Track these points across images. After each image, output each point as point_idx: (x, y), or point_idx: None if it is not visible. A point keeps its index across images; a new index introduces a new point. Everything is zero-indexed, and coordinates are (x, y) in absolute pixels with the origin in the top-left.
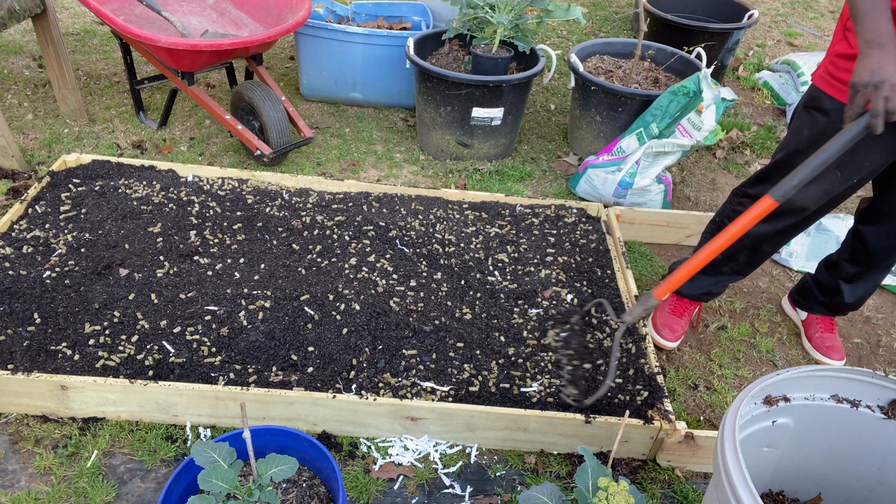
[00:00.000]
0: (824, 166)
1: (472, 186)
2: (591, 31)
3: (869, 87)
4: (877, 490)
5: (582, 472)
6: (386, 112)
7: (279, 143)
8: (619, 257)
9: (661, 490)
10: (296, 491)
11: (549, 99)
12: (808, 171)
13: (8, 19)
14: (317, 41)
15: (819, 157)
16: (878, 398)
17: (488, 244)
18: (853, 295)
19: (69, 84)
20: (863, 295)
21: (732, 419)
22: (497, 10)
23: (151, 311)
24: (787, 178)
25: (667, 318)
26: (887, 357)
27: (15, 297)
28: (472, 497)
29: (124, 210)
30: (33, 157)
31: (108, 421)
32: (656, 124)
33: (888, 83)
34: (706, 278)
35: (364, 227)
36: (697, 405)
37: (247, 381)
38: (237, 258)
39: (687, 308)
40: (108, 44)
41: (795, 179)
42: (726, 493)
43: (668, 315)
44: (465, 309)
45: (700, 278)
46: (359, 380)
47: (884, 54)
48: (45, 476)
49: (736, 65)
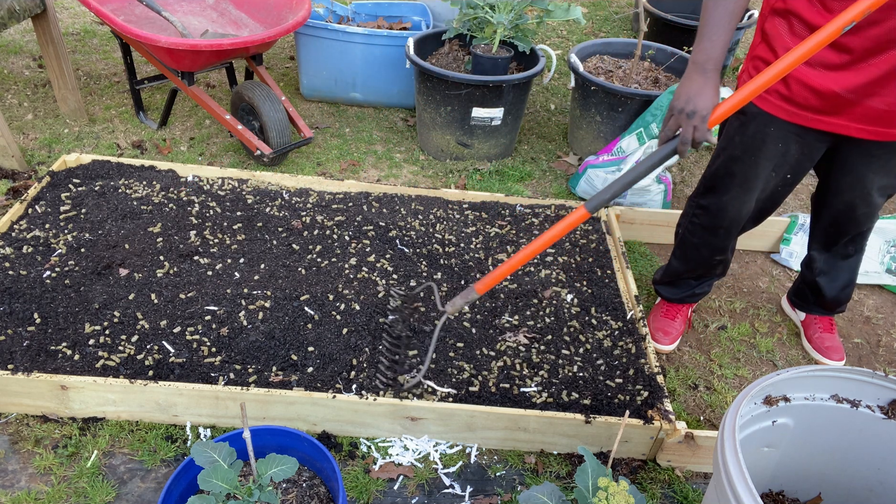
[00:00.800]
0: (635, 182)
1: (472, 186)
2: (591, 31)
3: (682, 113)
4: (877, 490)
5: (582, 472)
6: (386, 112)
7: (279, 143)
8: (619, 257)
9: (661, 490)
10: (296, 491)
11: (549, 99)
12: (619, 186)
13: (8, 19)
14: (317, 41)
15: (631, 175)
16: (878, 398)
17: (488, 244)
18: (832, 289)
19: (69, 84)
20: (842, 287)
21: (732, 419)
22: (497, 10)
23: (151, 311)
24: (601, 193)
25: (660, 322)
26: (887, 357)
27: (15, 297)
28: (472, 497)
29: (124, 210)
30: (33, 157)
31: (108, 421)
32: (656, 124)
33: (699, 114)
34: (690, 282)
35: (364, 227)
36: (697, 405)
37: (247, 381)
38: (237, 258)
39: (679, 310)
40: (108, 44)
41: (608, 195)
42: (726, 493)
43: (661, 319)
44: (465, 309)
45: (682, 283)
46: (359, 380)
47: (705, 82)
48: (45, 476)
49: (736, 65)
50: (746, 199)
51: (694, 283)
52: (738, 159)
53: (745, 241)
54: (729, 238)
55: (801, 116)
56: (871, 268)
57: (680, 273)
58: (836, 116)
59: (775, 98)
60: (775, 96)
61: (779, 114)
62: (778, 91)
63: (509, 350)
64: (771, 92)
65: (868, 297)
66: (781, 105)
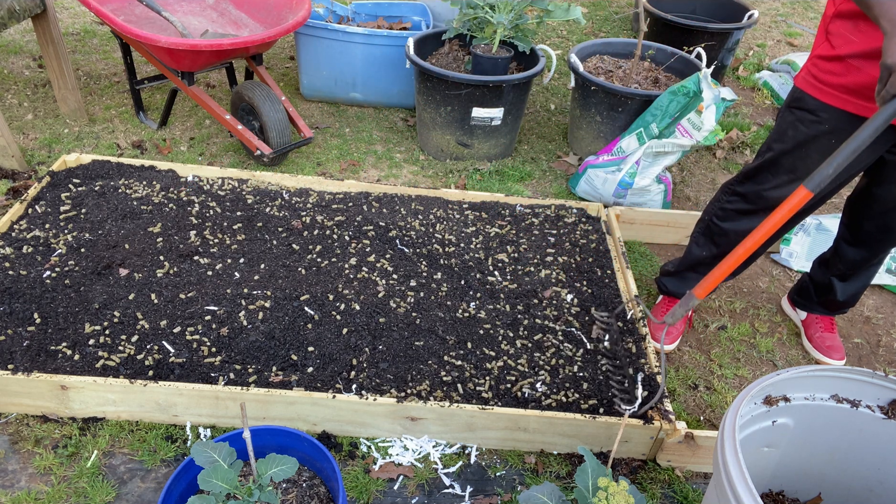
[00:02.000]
0: (857, 153)
1: (472, 186)
2: (591, 31)
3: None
4: (877, 490)
5: (582, 472)
6: (386, 112)
7: (279, 143)
8: (619, 257)
9: (661, 490)
10: (296, 491)
11: (549, 99)
12: (841, 158)
13: (8, 19)
14: (317, 41)
15: (852, 144)
16: (878, 398)
17: (488, 244)
18: (845, 292)
19: (69, 84)
20: (854, 292)
21: (732, 419)
22: (497, 10)
23: (151, 311)
24: (822, 168)
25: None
26: (887, 357)
27: (15, 297)
28: (472, 497)
29: (124, 210)
30: (33, 157)
31: (108, 421)
32: (656, 124)
33: None
34: (697, 277)
35: (364, 227)
36: (697, 405)
37: (247, 381)
38: (237, 258)
39: None
40: (108, 44)
41: (830, 169)
42: (726, 493)
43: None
44: (465, 309)
45: (692, 278)
46: (359, 380)
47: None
48: (45, 476)
49: (736, 65)
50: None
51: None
52: (788, 153)
53: None
54: None
55: (857, 105)
56: None
57: (700, 260)
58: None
59: (837, 90)
60: (837, 88)
61: (840, 105)
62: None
63: (510, 350)
64: (826, 84)
65: (868, 297)
66: (841, 96)
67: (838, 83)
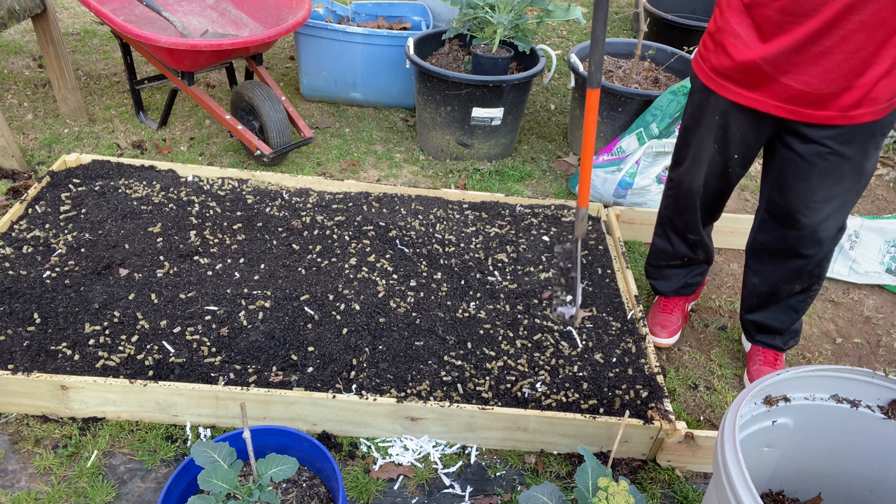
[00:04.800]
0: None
1: (472, 186)
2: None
3: None
4: (877, 490)
5: (582, 472)
6: (386, 112)
7: (279, 143)
8: (618, 257)
9: (661, 490)
10: (296, 491)
11: (549, 99)
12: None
13: (8, 19)
14: (317, 41)
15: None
16: (878, 398)
17: (488, 244)
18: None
19: (69, 84)
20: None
21: (732, 419)
22: (497, 10)
23: (151, 311)
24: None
25: (658, 317)
26: (887, 357)
27: (15, 297)
28: (472, 497)
29: (124, 210)
30: (33, 157)
31: (108, 421)
32: (656, 124)
33: None
34: (679, 271)
35: (364, 227)
36: (697, 405)
37: (247, 381)
38: (237, 258)
39: (675, 304)
40: (108, 44)
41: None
42: (726, 493)
43: (658, 314)
44: (465, 309)
45: (674, 273)
46: (359, 380)
47: None
48: (45, 476)
49: None
50: (696, 171)
51: (684, 273)
52: (689, 129)
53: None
54: (693, 214)
55: (726, 89)
56: (871, 268)
57: (664, 252)
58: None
59: (708, 69)
60: (709, 67)
61: (711, 85)
62: (711, 62)
63: (510, 350)
64: (705, 61)
65: (868, 297)
66: (712, 77)
67: (709, 60)
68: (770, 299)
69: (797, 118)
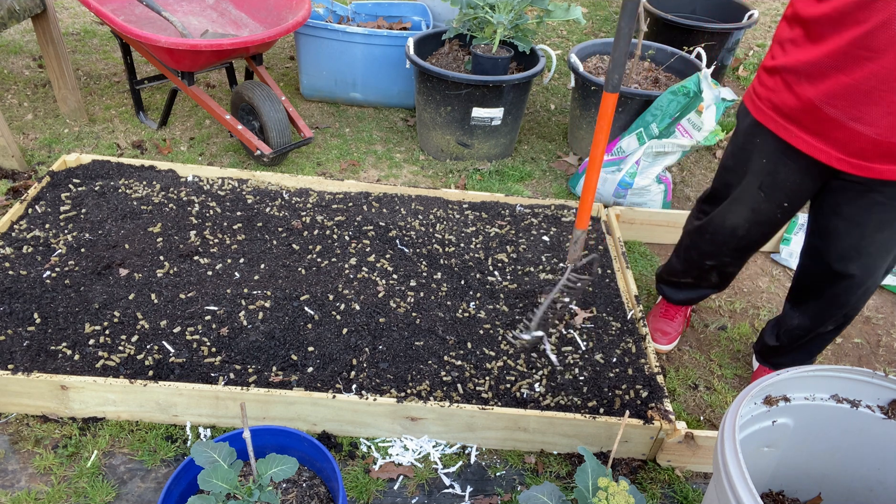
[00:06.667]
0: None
1: (472, 186)
2: (591, 31)
3: None
4: (877, 490)
5: (582, 472)
6: (386, 112)
7: (279, 143)
8: (619, 257)
9: (661, 490)
10: (296, 491)
11: (549, 99)
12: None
13: (8, 19)
14: (317, 41)
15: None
16: (878, 398)
17: (488, 244)
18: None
19: (69, 84)
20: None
21: (732, 419)
22: (497, 10)
23: (151, 311)
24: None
25: (659, 323)
26: (887, 357)
27: (15, 297)
28: (472, 497)
29: (124, 210)
30: (33, 157)
31: (108, 421)
32: (656, 124)
33: None
34: (688, 290)
35: (364, 227)
36: (697, 405)
37: (247, 381)
38: (237, 258)
39: (678, 311)
40: (108, 44)
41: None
42: (726, 493)
43: (660, 319)
44: (465, 309)
45: (684, 288)
46: (359, 380)
47: None
48: (45, 476)
49: (736, 65)
50: (736, 214)
51: (697, 290)
52: (729, 170)
53: None
54: (724, 254)
55: (786, 130)
56: None
57: (676, 272)
58: (819, 139)
59: (766, 105)
60: (766, 104)
61: (766, 122)
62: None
63: (509, 350)
64: (762, 95)
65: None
66: (770, 114)
67: (769, 99)
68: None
69: (863, 174)
